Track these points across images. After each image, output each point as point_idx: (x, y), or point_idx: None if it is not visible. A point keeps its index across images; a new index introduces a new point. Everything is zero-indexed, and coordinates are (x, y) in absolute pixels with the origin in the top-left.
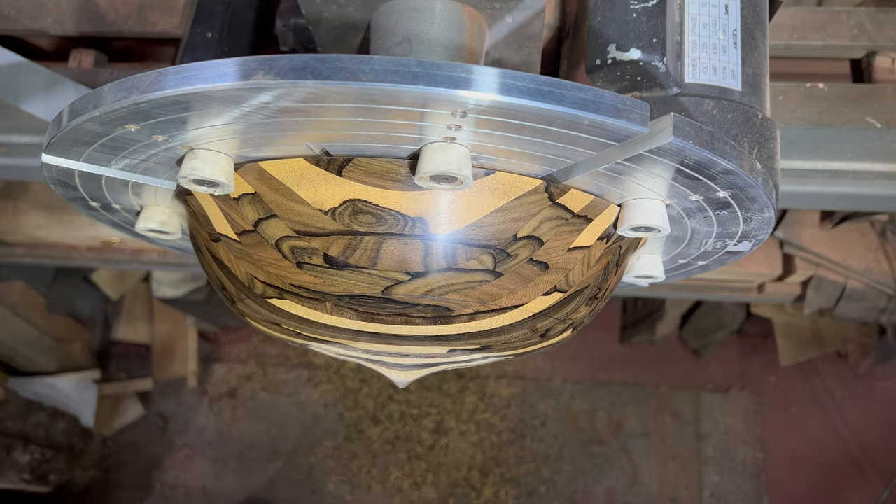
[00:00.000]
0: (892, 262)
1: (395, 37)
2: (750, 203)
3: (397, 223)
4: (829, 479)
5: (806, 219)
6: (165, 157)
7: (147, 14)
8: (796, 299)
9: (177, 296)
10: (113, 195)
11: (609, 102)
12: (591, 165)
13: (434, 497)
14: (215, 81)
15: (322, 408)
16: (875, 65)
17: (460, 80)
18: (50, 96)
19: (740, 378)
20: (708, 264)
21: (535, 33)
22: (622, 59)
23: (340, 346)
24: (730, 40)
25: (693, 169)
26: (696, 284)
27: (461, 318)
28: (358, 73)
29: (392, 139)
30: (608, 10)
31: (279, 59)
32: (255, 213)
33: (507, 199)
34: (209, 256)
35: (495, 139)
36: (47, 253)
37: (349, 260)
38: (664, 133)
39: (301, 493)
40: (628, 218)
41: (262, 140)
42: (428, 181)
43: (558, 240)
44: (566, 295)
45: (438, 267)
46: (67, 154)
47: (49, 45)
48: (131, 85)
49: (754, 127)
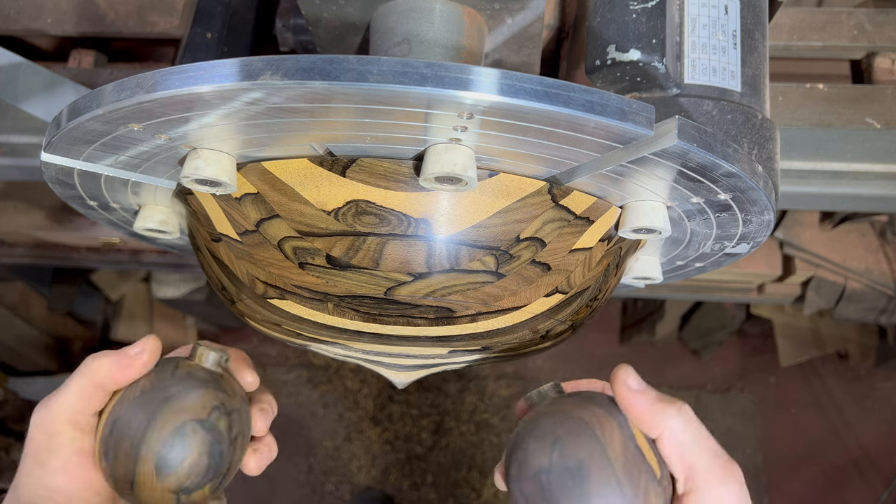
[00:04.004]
0: (891, 263)
1: (395, 37)
2: (750, 206)
3: (401, 224)
4: (829, 479)
5: (806, 219)
6: (167, 156)
7: (147, 14)
8: (796, 300)
9: (177, 296)
10: (111, 194)
11: (615, 105)
12: (594, 167)
13: (434, 497)
14: (221, 81)
15: (322, 408)
16: (875, 65)
17: (469, 82)
18: (50, 96)
19: (740, 378)
20: (705, 266)
21: (534, 34)
22: (622, 60)
23: (341, 346)
24: (729, 41)
25: (695, 171)
26: (696, 285)
27: (463, 319)
28: (366, 73)
29: (397, 140)
30: (608, 11)
31: (286, 60)
32: (257, 214)
33: (510, 201)
34: (209, 256)
35: (500, 141)
36: (47, 253)
37: (352, 261)
38: (668, 136)
39: (301, 493)
40: (630, 220)
41: (266, 140)
42: (432, 182)
43: (560, 241)
44: (567, 296)
45: (441, 268)
46: (68, 153)
47: (49, 45)
48: (135, 84)
49: (754, 128)
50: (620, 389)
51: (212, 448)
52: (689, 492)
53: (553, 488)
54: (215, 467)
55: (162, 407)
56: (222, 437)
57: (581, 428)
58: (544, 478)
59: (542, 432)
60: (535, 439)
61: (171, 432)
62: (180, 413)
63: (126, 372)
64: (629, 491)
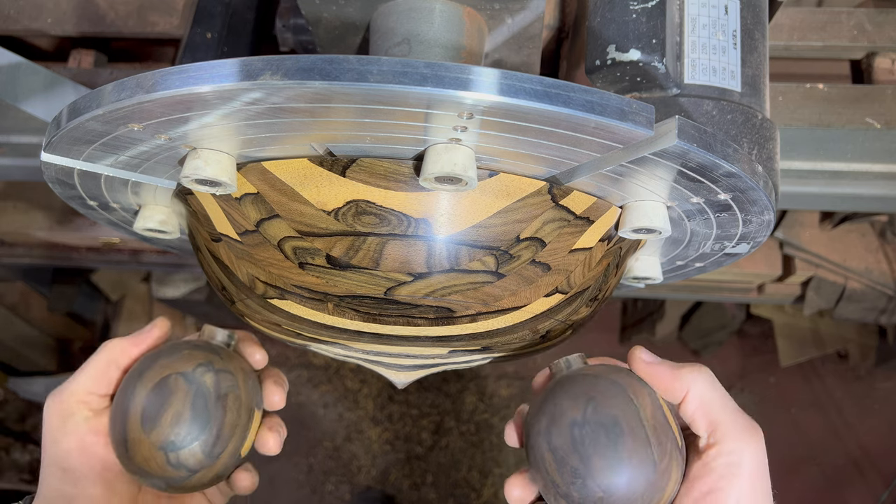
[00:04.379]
0: (891, 263)
1: (395, 37)
2: (750, 206)
3: (401, 224)
4: (829, 479)
5: (806, 219)
6: (167, 156)
7: (147, 14)
8: (796, 300)
9: (177, 296)
10: (111, 194)
11: (615, 105)
12: (594, 167)
13: (434, 497)
14: (221, 81)
15: (322, 408)
16: (875, 65)
17: (469, 82)
18: (49, 96)
19: (740, 378)
20: (705, 266)
21: (534, 34)
22: (622, 60)
23: (341, 346)
24: (729, 41)
25: (695, 171)
26: (696, 285)
27: (463, 319)
28: (366, 73)
29: (397, 140)
30: (608, 11)
31: (286, 60)
32: (257, 214)
33: (510, 201)
34: (209, 256)
35: (500, 141)
36: (47, 253)
37: (352, 261)
38: (669, 136)
39: (301, 493)
40: (630, 220)
41: (266, 140)
42: (432, 182)
43: (560, 241)
44: (567, 296)
45: (441, 268)
46: (68, 153)
47: (49, 45)
48: (135, 84)
49: (754, 128)
50: (640, 364)
51: (195, 400)
52: (713, 444)
53: (586, 441)
54: (200, 423)
55: (150, 366)
56: (207, 392)
57: (615, 389)
58: (577, 431)
59: (576, 391)
60: (569, 397)
61: (154, 385)
62: (165, 368)
63: (139, 346)
64: (657, 453)
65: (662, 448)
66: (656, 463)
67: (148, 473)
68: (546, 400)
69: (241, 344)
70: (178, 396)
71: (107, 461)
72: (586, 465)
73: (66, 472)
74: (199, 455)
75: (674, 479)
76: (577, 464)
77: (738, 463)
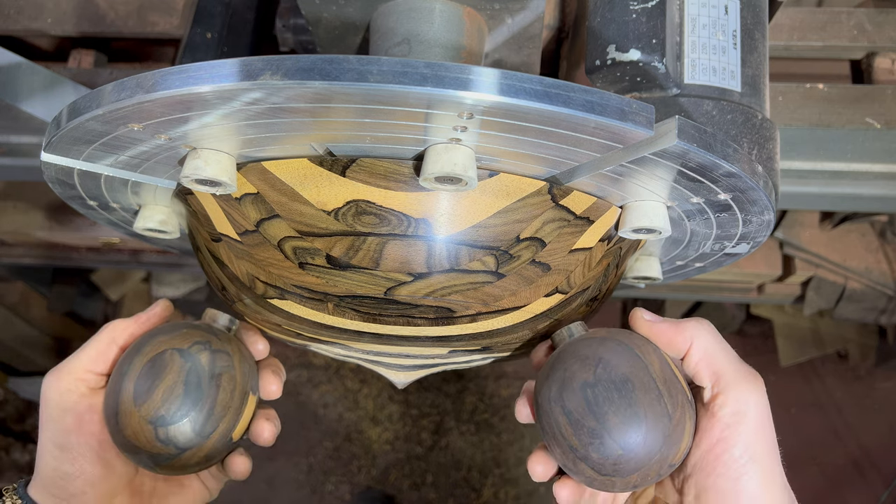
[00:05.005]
0: (891, 263)
1: (395, 37)
2: (750, 206)
3: (401, 224)
4: (829, 479)
5: (805, 219)
6: (167, 156)
7: (147, 14)
8: (796, 300)
9: (177, 296)
10: (111, 194)
11: (615, 105)
12: (594, 167)
13: (434, 497)
14: (221, 81)
15: (322, 408)
16: (875, 65)
17: (469, 82)
18: (49, 96)
19: None
20: (705, 266)
21: (534, 34)
22: (622, 60)
23: (341, 346)
24: (729, 41)
25: (695, 171)
26: (696, 285)
27: (463, 319)
28: (366, 73)
29: (397, 140)
30: (608, 11)
31: (286, 60)
32: (257, 214)
33: (510, 201)
34: (209, 256)
35: (500, 141)
36: (47, 253)
37: (352, 261)
38: (668, 136)
39: (301, 493)
40: (630, 220)
41: (266, 140)
42: (432, 182)
43: (560, 241)
44: (567, 296)
45: (441, 268)
46: (67, 153)
47: (49, 45)
48: (135, 84)
49: (754, 128)
50: (642, 323)
51: (188, 377)
52: (718, 394)
53: (599, 400)
54: (192, 399)
55: (148, 341)
56: (201, 369)
57: (622, 348)
58: (589, 392)
59: (584, 354)
60: (577, 360)
61: (150, 360)
62: (162, 344)
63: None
64: (669, 405)
65: (674, 401)
66: (670, 416)
67: (136, 448)
68: (554, 367)
69: (244, 332)
70: (171, 371)
71: (104, 440)
72: (602, 423)
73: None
74: (188, 432)
75: (688, 430)
76: (594, 424)
77: (743, 411)
